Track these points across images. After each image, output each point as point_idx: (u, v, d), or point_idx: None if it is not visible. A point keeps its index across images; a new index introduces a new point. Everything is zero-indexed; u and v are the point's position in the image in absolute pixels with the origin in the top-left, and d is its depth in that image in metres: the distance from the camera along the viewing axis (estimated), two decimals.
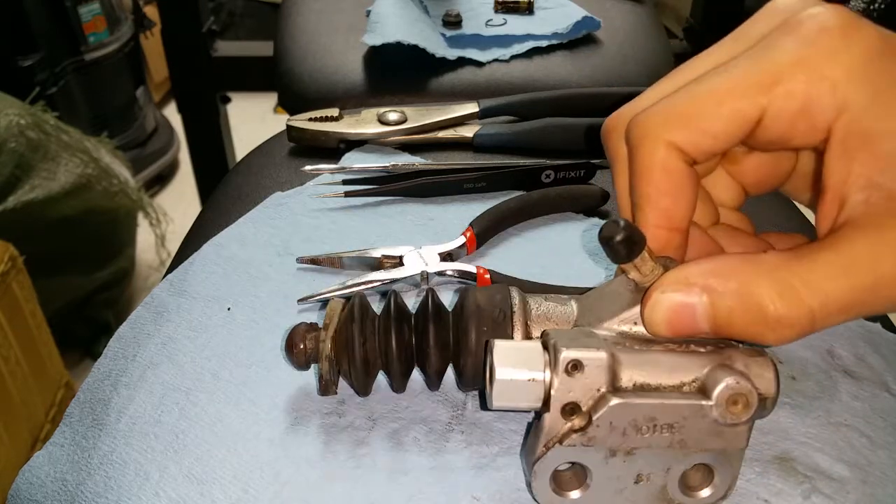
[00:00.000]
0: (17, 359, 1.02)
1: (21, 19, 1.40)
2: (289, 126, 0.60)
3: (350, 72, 0.81)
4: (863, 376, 0.40)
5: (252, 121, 1.82)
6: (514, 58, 0.81)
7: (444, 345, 0.35)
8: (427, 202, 0.54)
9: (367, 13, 0.83)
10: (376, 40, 0.76)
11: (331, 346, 0.35)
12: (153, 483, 0.34)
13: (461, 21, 0.84)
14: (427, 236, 0.50)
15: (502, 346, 0.30)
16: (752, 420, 0.29)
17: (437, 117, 0.61)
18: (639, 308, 0.29)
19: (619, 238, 0.27)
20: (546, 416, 0.29)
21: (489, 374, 0.30)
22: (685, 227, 0.31)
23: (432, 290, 0.36)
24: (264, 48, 1.23)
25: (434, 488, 0.33)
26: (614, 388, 0.29)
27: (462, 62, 0.79)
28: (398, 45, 0.75)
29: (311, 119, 0.60)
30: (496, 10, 0.87)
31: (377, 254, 0.46)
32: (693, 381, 0.29)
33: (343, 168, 0.56)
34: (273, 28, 0.99)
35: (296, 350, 0.35)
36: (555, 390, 0.29)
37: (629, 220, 0.28)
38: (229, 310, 0.43)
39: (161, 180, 1.88)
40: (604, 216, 0.53)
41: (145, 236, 1.48)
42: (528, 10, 0.87)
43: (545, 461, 0.30)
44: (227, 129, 1.43)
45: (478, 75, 0.79)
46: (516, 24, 0.84)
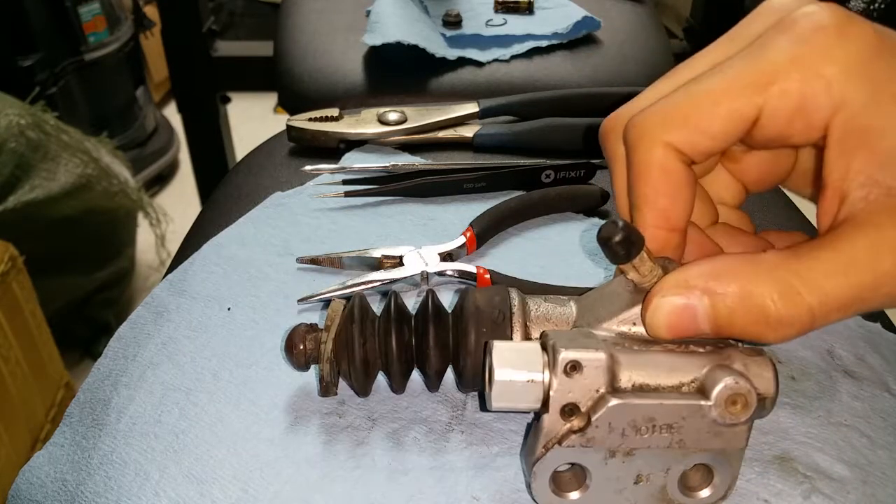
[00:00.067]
0: (17, 359, 1.02)
1: (21, 19, 1.40)
2: (289, 126, 0.60)
3: (350, 72, 0.81)
4: (863, 376, 0.40)
5: (252, 121, 1.81)
6: (514, 58, 0.81)
7: (443, 346, 0.35)
8: (427, 202, 0.54)
9: (367, 13, 0.84)
10: (376, 40, 0.76)
11: (332, 347, 0.35)
12: (153, 483, 0.34)
13: (461, 21, 0.84)
14: (427, 236, 0.50)
15: (501, 347, 0.30)
16: (751, 420, 0.29)
17: (437, 117, 0.61)
18: (638, 308, 0.29)
19: (617, 239, 0.27)
20: (545, 417, 0.29)
21: (488, 375, 0.30)
22: (683, 228, 0.31)
23: (432, 291, 0.36)
24: (264, 48, 1.22)
25: (434, 488, 0.33)
26: (613, 389, 0.29)
27: (462, 62, 0.79)
28: (398, 45, 0.75)
29: (311, 119, 0.60)
30: (496, 10, 0.87)
31: (377, 254, 0.46)
32: (692, 381, 0.29)
33: (343, 168, 0.56)
34: (273, 28, 1.00)
35: (295, 351, 0.35)
36: (554, 391, 0.29)
37: (627, 221, 0.28)
38: (229, 310, 0.44)
39: (161, 180, 1.88)
40: (603, 216, 0.53)
41: (145, 236, 1.48)
42: (528, 10, 0.87)
43: (544, 462, 0.30)
44: (227, 129, 1.43)
45: (478, 75, 0.79)
46: (516, 24, 0.84)
